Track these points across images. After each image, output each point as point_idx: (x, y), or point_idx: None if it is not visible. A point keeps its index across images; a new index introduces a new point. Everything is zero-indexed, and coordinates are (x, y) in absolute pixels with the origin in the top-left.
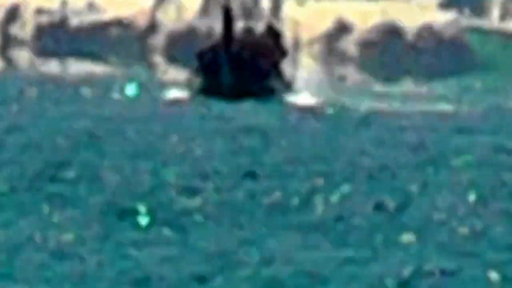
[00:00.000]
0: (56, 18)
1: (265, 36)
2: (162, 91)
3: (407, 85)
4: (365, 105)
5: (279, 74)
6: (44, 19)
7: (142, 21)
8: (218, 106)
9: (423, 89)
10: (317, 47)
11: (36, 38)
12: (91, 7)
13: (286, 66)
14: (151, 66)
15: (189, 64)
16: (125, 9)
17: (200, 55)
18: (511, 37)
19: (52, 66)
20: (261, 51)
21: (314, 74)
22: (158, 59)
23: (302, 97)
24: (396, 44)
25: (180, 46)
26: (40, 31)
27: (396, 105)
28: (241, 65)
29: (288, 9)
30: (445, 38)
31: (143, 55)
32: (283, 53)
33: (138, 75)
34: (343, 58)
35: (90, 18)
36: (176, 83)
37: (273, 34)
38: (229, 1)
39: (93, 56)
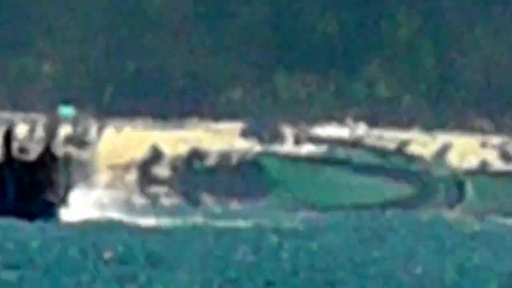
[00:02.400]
0: None
1: (43, 154)
2: None
3: (208, 204)
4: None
5: (56, 190)
6: None
7: None
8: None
9: (221, 207)
10: (132, 171)
11: None
12: None
13: (61, 184)
14: None
15: None
16: None
17: None
18: (303, 159)
19: None
20: (40, 168)
21: (123, 194)
22: None
23: (75, 213)
24: (198, 171)
25: None
26: None
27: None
28: (23, 183)
29: (108, 135)
30: (243, 163)
31: None
32: (56, 172)
33: None
34: (155, 180)
35: None
36: None
37: (50, 153)
38: (12, 124)
39: None
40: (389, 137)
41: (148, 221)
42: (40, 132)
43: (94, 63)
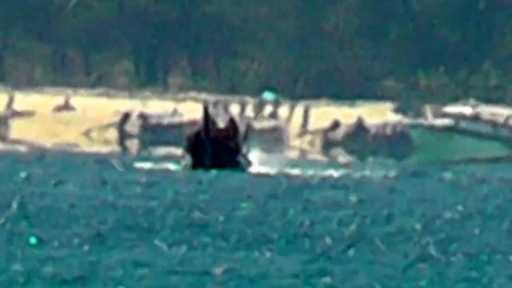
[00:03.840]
0: (153, 119)
1: (228, 125)
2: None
3: (371, 162)
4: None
5: (241, 152)
6: (145, 120)
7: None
8: (204, 175)
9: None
10: (316, 138)
11: (141, 133)
12: (174, 112)
13: (244, 147)
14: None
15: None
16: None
17: (190, 139)
18: (439, 129)
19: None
20: (228, 135)
21: (304, 155)
22: None
23: (259, 168)
24: (363, 137)
25: None
26: (143, 128)
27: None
28: (217, 145)
29: (298, 112)
30: (395, 132)
31: None
32: (240, 137)
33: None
34: (333, 143)
35: (174, 120)
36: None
37: (234, 124)
38: (207, 102)
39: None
40: (499, 113)
41: (325, 174)
42: (249, 112)
43: (290, 62)
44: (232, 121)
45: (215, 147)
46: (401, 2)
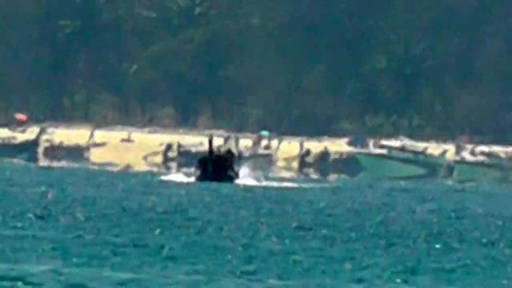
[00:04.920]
0: (186, 148)
1: (226, 152)
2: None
3: (335, 178)
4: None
5: (233, 170)
6: (181, 149)
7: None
8: (207, 184)
9: (336, 179)
10: (293, 161)
11: (179, 158)
12: (200, 143)
13: (236, 167)
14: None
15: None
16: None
17: (199, 161)
18: (378, 156)
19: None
20: (225, 159)
21: (283, 171)
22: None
23: (246, 181)
24: (327, 161)
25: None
26: (180, 155)
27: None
28: (216, 165)
29: (283, 144)
30: (348, 157)
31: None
32: (233, 161)
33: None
34: (307, 165)
35: (200, 148)
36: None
37: (230, 152)
38: (212, 136)
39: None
40: (418, 145)
41: (293, 185)
42: (249, 143)
43: (278, 109)
44: (229, 150)
45: (215, 166)
46: (355, 67)
